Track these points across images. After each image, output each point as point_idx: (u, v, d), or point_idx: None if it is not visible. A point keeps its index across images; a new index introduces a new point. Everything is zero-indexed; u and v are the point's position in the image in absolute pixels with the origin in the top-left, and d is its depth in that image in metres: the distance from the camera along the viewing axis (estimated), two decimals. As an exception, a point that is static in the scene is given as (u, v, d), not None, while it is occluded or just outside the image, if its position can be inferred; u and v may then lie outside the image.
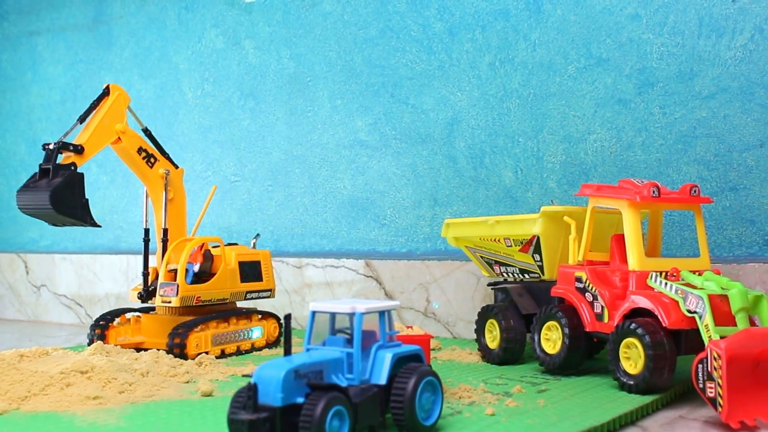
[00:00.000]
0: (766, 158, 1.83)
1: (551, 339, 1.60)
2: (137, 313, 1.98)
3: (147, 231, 1.96)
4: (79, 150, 1.76)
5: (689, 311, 1.41)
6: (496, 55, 2.14)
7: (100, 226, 1.85)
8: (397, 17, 2.28)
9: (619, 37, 1.98)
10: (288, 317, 1.22)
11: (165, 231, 1.94)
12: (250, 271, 1.99)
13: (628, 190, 1.53)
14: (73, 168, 1.74)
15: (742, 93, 1.85)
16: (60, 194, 1.71)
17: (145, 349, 1.79)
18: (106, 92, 1.86)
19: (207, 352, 1.81)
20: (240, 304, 2.09)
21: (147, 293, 1.91)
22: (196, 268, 1.89)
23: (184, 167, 2.65)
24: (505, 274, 1.83)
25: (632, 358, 1.44)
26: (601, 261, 1.61)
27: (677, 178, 1.91)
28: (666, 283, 1.47)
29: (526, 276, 1.78)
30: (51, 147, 1.74)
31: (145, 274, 1.93)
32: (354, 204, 2.34)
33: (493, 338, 1.75)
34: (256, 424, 1.05)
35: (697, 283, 1.45)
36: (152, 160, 1.92)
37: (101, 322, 1.91)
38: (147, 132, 1.95)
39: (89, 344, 1.85)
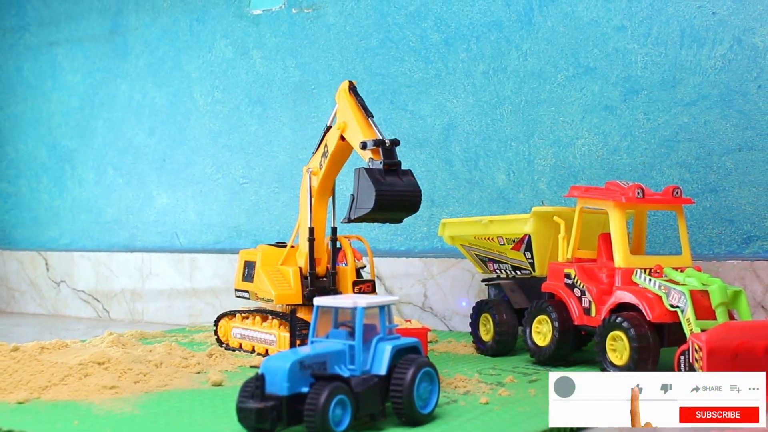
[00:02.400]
0: (745, 162, 1.83)
1: (542, 332, 1.60)
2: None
3: (312, 230, 1.73)
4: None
5: (672, 306, 1.41)
6: (489, 64, 2.13)
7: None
8: (397, 29, 2.27)
9: (606, 47, 1.98)
10: (293, 312, 1.22)
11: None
12: None
13: (614, 192, 1.54)
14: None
15: (721, 100, 1.85)
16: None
17: None
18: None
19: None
20: None
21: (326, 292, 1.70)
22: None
23: (195, 170, 2.66)
24: (498, 271, 1.83)
25: (618, 350, 1.44)
26: (589, 258, 1.62)
27: (660, 180, 1.91)
28: (650, 279, 1.47)
29: (518, 272, 1.78)
30: (388, 143, 1.52)
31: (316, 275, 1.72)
32: (356, 205, 2.34)
33: (486, 331, 1.75)
34: (263, 412, 1.05)
35: (679, 279, 1.45)
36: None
37: None
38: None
39: None
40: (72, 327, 2.51)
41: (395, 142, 1.53)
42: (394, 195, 1.48)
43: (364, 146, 1.54)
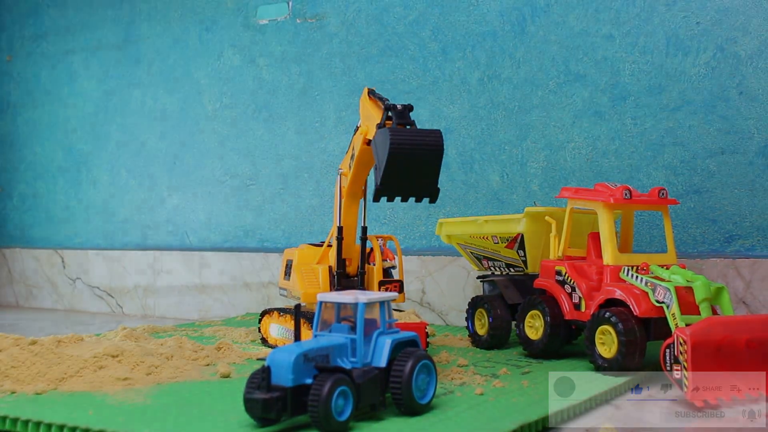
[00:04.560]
0: (727, 164, 1.83)
1: (534, 326, 1.61)
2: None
3: (341, 229, 1.66)
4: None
5: (658, 301, 1.41)
6: (484, 72, 2.14)
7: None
8: (396, 38, 2.27)
9: (595, 56, 1.98)
10: (297, 307, 1.22)
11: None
12: None
13: (603, 193, 1.54)
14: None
15: (705, 105, 1.85)
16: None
17: None
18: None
19: None
20: None
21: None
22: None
23: (204, 172, 2.66)
24: (492, 268, 1.83)
25: (607, 343, 1.44)
26: (579, 256, 1.62)
27: (647, 182, 1.91)
28: (637, 276, 1.47)
29: (512, 270, 1.78)
30: (399, 107, 1.35)
31: (343, 274, 1.64)
32: (357, 205, 2.34)
33: (481, 325, 1.75)
34: (269, 403, 1.05)
35: (665, 276, 1.45)
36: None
37: None
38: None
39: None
40: (87, 322, 2.51)
41: (408, 107, 1.36)
42: (411, 135, 1.30)
43: (380, 126, 1.39)
